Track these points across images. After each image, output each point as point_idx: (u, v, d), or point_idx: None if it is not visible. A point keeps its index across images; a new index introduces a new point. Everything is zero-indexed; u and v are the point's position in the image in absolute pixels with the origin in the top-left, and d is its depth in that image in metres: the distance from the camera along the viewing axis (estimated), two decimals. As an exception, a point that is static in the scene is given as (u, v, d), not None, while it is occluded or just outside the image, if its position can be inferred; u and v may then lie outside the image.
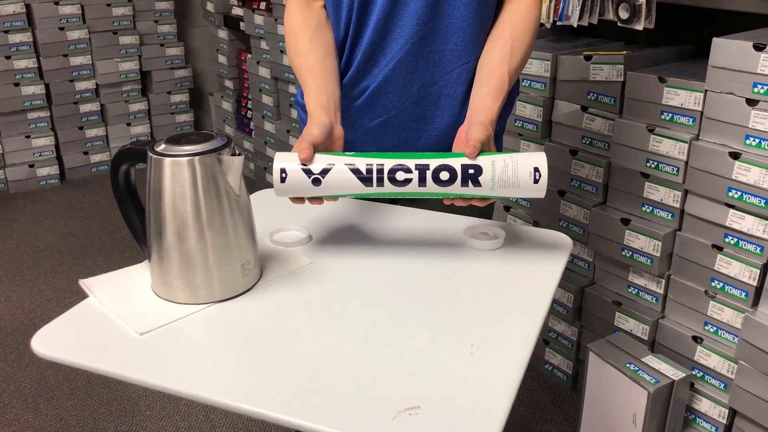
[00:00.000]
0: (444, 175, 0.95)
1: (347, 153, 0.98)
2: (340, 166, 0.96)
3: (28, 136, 3.45)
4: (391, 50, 1.14)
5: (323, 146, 1.02)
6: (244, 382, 0.78)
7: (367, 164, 0.96)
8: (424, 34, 1.12)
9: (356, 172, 0.96)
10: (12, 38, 3.28)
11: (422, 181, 0.96)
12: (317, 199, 1.00)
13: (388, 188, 0.96)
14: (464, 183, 0.95)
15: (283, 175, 0.96)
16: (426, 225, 1.16)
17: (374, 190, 0.96)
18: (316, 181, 0.96)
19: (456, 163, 0.96)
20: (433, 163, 0.96)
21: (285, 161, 0.96)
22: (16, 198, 3.42)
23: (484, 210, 1.33)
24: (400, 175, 0.95)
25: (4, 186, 3.47)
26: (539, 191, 0.97)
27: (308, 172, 0.96)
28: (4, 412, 1.96)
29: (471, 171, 0.96)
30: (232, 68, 3.58)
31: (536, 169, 0.96)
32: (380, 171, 0.95)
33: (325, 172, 0.96)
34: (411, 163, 0.96)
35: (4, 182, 3.46)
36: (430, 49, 1.14)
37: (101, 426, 1.91)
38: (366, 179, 0.96)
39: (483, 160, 0.96)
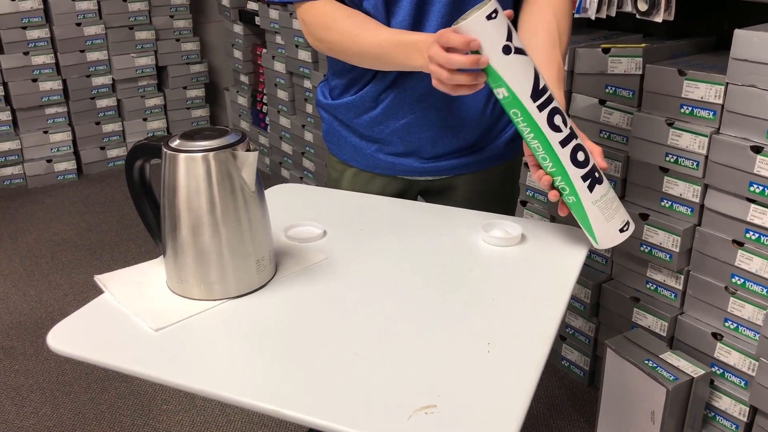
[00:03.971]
0: (580, 156, 0.96)
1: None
2: (530, 61, 0.93)
3: (46, 132, 3.47)
4: None
5: None
6: (258, 379, 0.78)
7: (544, 83, 0.94)
8: None
9: (536, 78, 0.93)
10: (30, 34, 3.30)
11: (565, 143, 0.95)
12: (480, 74, 0.93)
13: (538, 118, 0.93)
14: (585, 178, 0.96)
15: (494, 14, 0.89)
16: (442, 221, 1.15)
17: (530, 107, 0.93)
18: (507, 49, 0.90)
19: (593, 159, 0.97)
20: (577, 141, 0.96)
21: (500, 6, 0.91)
22: (35, 193, 3.44)
23: (504, 206, 1.32)
24: (558, 119, 0.94)
25: (23, 181, 3.50)
26: (615, 239, 1.00)
27: (510, 34, 0.91)
28: (23, 405, 1.98)
29: (596, 174, 0.97)
30: (247, 63, 3.57)
31: (628, 223, 1.00)
32: (549, 100, 0.93)
33: (519, 51, 0.92)
34: (568, 121, 0.95)
35: (23, 177, 3.49)
36: None
37: (118, 420, 1.92)
38: (536, 93, 0.92)
39: (607, 180, 0.99)
